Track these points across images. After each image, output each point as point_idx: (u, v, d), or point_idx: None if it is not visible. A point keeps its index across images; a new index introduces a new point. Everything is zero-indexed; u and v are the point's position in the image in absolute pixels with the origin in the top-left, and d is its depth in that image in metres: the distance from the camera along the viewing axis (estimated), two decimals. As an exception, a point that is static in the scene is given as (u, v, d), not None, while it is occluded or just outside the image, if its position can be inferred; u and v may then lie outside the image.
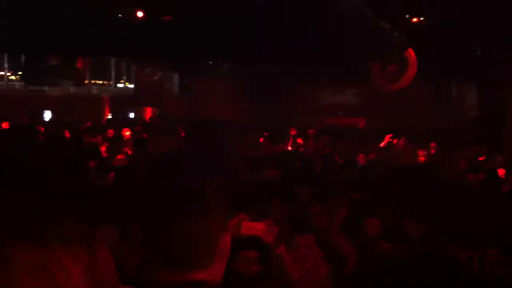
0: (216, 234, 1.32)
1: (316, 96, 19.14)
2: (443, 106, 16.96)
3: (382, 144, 11.37)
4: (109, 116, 20.73)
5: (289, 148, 11.56)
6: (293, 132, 12.56)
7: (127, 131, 13.86)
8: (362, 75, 13.87)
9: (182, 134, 14.48)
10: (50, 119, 18.42)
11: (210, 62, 17.98)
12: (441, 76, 15.67)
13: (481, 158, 10.95)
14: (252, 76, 17.63)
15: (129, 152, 10.13)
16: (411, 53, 12.20)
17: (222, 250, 1.34)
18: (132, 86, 24.42)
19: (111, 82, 24.61)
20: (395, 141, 11.51)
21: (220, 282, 1.35)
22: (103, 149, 10.40)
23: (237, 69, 18.36)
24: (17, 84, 22.17)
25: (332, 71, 14.86)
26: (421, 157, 10.43)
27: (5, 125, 14.02)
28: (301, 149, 11.71)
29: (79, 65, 16.69)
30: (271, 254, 3.46)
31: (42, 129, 13.43)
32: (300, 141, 12.48)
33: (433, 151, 11.24)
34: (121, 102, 22.26)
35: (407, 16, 12.47)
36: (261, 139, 12.04)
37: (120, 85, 25.24)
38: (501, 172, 9.18)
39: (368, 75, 13.40)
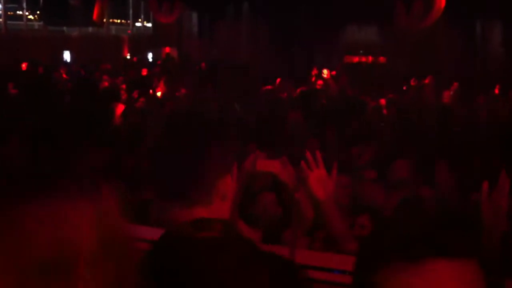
0: (215, 175, 1.43)
1: (339, 35, 18.79)
2: (467, 45, 16.57)
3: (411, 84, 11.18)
4: (128, 57, 20.65)
5: (311, 87, 11.38)
6: (315, 72, 12.39)
7: (144, 72, 13.84)
8: (387, 13, 13.55)
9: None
10: (70, 60, 18.40)
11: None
12: (466, 15, 15.24)
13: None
14: (273, 17, 17.31)
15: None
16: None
17: (222, 192, 1.45)
18: (150, 25, 24.18)
19: (129, 22, 24.39)
20: (425, 81, 11.34)
21: (226, 219, 1.46)
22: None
23: (258, 9, 18.04)
24: (36, 24, 22.08)
25: (356, 9, 14.54)
26: (446, 98, 10.27)
27: (24, 66, 14.06)
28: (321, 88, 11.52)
29: (97, 5, 16.54)
30: (288, 193, 3.45)
31: (63, 71, 13.43)
32: (320, 81, 12.31)
33: (455, 92, 11.04)
34: (140, 42, 22.10)
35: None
36: (279, 80, 11.89)
37: (138, 24, 25.03)
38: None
39: (392, 14, 13.10)
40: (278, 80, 11.66)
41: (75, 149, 5.10)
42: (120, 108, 8.32)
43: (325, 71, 13.48)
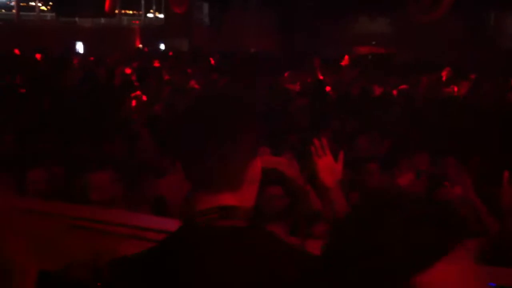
0: (243, 158, 1.39)
1: (349, 26, 18.70)
2: (479, 37, 16.42)
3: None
4: (140, 47, 20.69)
5: (320, 77, 11.31)
6: (317, 63, 12.32)
7: (157, 63, 13.85)
8: (397, 4, 13.45)
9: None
10: (83, 51, 18.47)
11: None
12: (478, 5, 15.10)
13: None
14: (283, 6, 17.25)
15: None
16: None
17: (251, 175, 1.41)
18: (162, 16, 24.20)
19: (141, 12, 24.42)
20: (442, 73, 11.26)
21: (251, 208, 1.43)
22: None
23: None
24: (49, 15, 22.17)
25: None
26: (463, 89, 10.15)
27: (38, 56, 14.12)
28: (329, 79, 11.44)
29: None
30: (295, 188, 3.43)
31: (76, 61, 13.48)
32: (327, 72, 12.24)
33: (472, 83, 10.92)
34: (152, 33, 22.13)
35: None
36: (287, 73, 11.81)
37: (150, 15, 25.06)
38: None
39: (404, 4, 12.97)
40: (287, 73, 11.62)
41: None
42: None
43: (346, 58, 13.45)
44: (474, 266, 0.97)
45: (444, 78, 11.56)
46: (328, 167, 2.65)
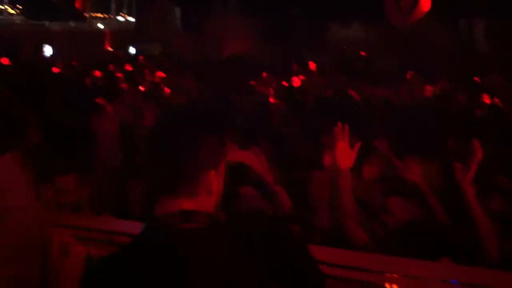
0: (199, 168, 1.48)
1: (328, 31, 18.76)
2: (456, 43, 16.60)
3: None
4: (111, 50, 20.45)
5: (297, 84, 11.28)
6: (295, 68, 12.30)
7: (129, 67, 13.63)
8: (376, 9, 13.55)
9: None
10: (51, 55, 18.15)
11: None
12: (455, 11, 15.28)
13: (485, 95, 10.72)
14: (261, 12, 17.22)
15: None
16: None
17: (207, 184, 1.49)
18: (133, 19, 23.99)
19: (111, 16, 24.18)
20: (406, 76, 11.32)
21: (214, 213, 1.51)
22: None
23: (245, 4, 17.95)
24: (17, 19, 21.83)
25: (345, 6, 14.54)
26: (428, 92, 10.19)
27: (4, 60, 13.77)
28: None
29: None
30: (266, 184, 3.55)
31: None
32: (302, 77, 12.21)
33: (440, 86, 10.99)
34: (123, 37, 21.91)
35: None
36: (264, 74, 11.78)
37: (120, 18, 24.81)
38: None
39: (382, 10, 13.08)
40: (264, 74, 11.59)
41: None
42: None
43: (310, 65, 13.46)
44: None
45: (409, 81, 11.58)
46: (344, 151, 2.87)
